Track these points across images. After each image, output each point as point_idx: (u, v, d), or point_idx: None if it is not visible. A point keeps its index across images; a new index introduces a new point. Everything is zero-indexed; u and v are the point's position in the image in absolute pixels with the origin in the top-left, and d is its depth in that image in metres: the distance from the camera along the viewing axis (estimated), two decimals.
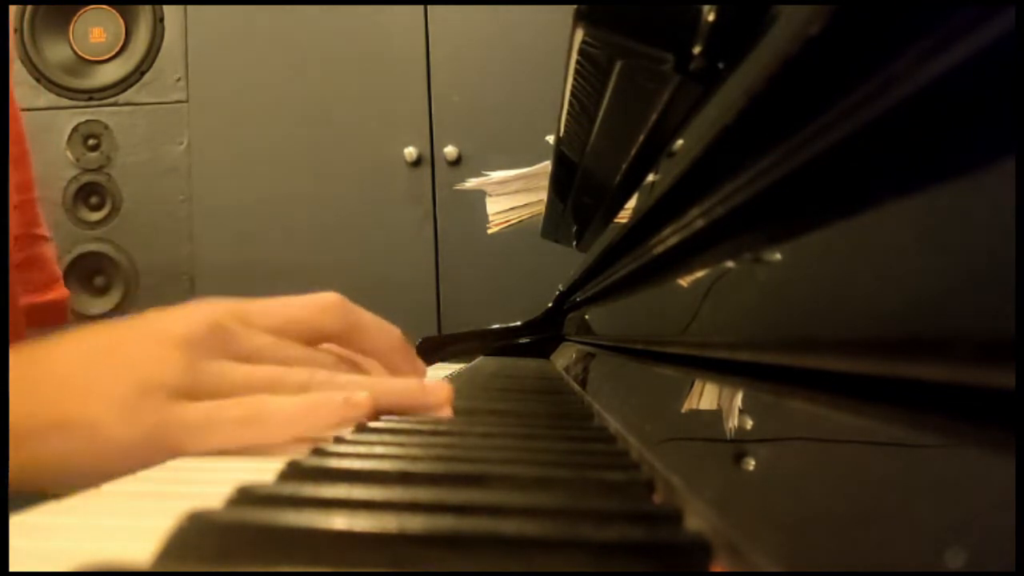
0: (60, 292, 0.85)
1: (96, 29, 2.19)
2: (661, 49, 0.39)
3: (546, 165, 1.05)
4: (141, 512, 0.27)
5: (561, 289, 1.23)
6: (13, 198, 0.76)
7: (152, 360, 0.38)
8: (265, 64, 2.07)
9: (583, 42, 0.47)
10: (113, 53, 2.17)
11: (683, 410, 0.33)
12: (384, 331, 0.49)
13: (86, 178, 2.15)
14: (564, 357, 1.02)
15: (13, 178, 0.76)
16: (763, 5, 0.27)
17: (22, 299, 0.78)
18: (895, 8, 0.19)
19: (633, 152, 0.55)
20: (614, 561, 0.19)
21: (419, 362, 0.52)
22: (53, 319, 0.82)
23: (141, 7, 2.15)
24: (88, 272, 2.14)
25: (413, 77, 2.02)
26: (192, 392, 0.37)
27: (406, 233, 2.01)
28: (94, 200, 2.16)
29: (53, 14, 2.18)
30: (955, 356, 0.14)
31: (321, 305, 0.47)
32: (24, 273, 0.80)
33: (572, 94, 0.59)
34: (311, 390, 0.40)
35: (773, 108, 0.26)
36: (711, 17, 0.35)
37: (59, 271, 0.88)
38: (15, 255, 0.78)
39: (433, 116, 2.02)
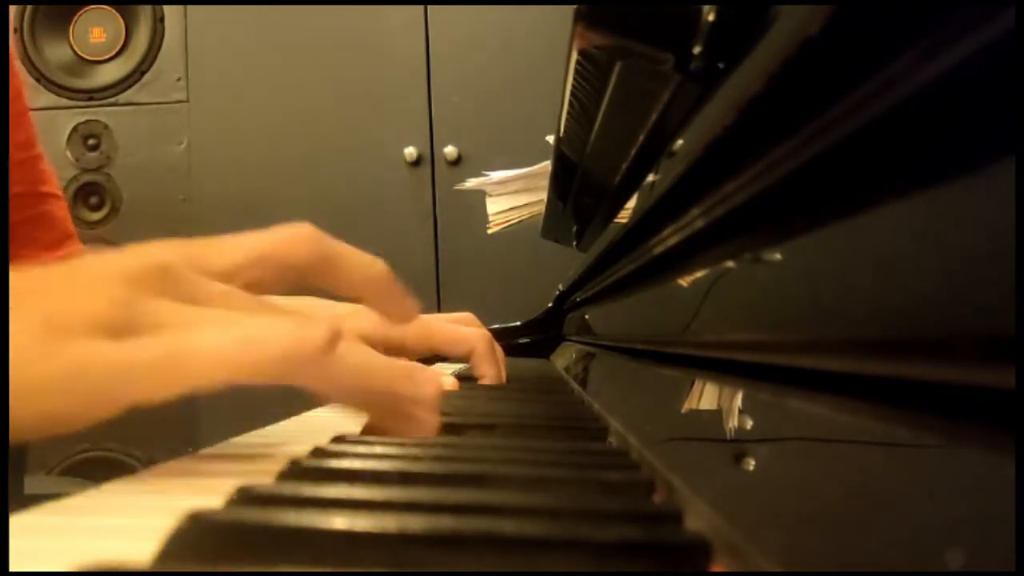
0: (73, 248, 0.84)
1: (96, 29, 2.19)
2: (661, 49, 0.39)
3: (546, 165, 1.05)
4: (142, 511, 0.27)
5: (561, 289, 1.23)
6: (13, 155, 0.76)
7: (82, 293, 0.32)
8: (265, 64, 2.07)
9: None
10: (113, 53, 2.17)
11: (683, 410, 0.33)
12: (365, 264, 0.43)
13: (86, 178, 2.15)
14: (564, 357, 1.02)
15: (13, 136, 0.76)
16: (763, 5, 0.27)
17: (30, 258, 0.77)
18: (895, 8, 0.19)
19: (633, 152, 0.55)
20: (614, 561, 0.19)
21: (409, 300, 0.44)
22: None
23: (141, 7, 2.15)
24: None
25: (413, 77, 2.02)
26: (123, 332, 0.31)
27: (406, 233, 2.01)
28: (94, 200, 2.16)
29: (53, 14, 2.18)
30: (955, 356, 0.14)
31: (289, 236, 0.42)
32: (30, 231, 0.80)
33: (572, 94, 0.59)
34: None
35: (773, 108, 0.26)
36: (711, 17, 0.35)
37: (72, 228, 0.86)
38: (18, 213, 0.77)
39: (433, 116, 2.02)
